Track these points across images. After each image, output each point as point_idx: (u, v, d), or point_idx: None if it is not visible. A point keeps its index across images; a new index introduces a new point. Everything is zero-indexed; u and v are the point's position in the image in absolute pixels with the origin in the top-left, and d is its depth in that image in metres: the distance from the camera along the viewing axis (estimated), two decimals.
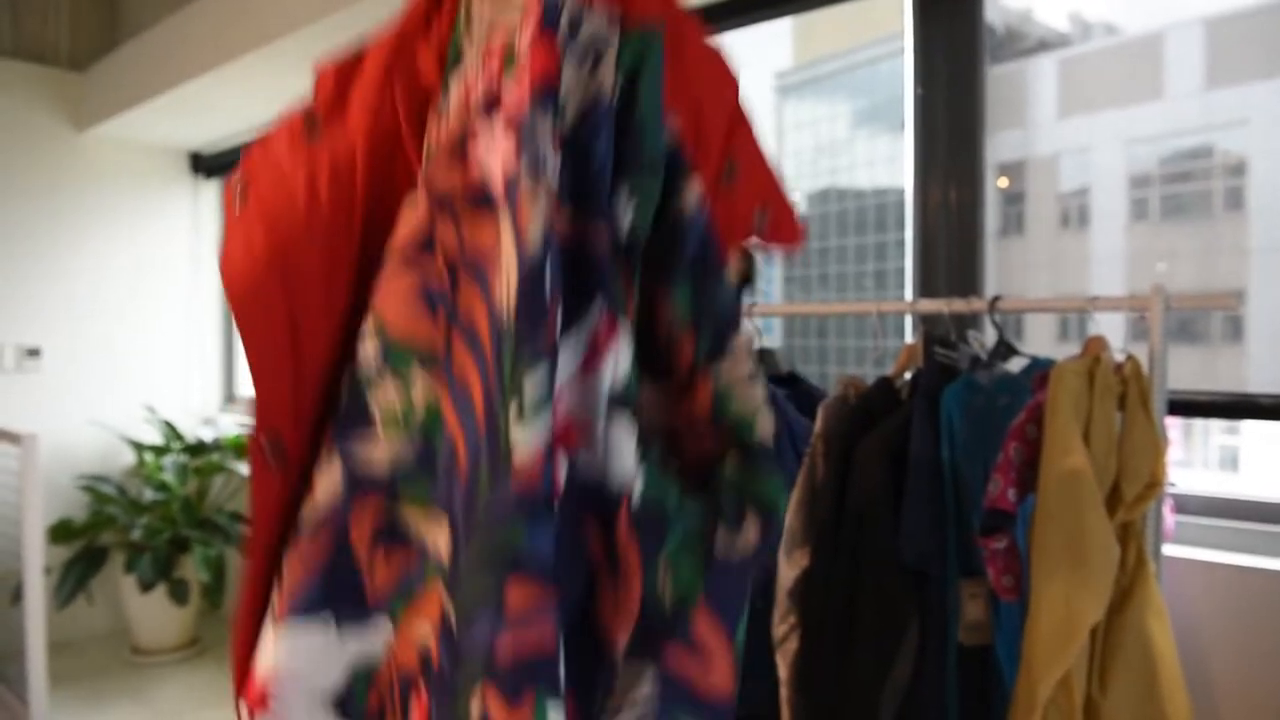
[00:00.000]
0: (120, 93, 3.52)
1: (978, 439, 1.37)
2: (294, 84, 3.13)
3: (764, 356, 1.72)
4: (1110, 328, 1.41)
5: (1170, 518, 1.52)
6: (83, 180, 3.84)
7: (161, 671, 3.50)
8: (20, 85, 3.67)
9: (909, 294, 1.87)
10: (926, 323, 1.55)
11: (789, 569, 1.38)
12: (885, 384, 1.44)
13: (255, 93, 3.25)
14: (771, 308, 1.71)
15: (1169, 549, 1.55)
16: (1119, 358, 1.33)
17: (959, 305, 1.44)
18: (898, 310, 1.52)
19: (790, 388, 1.66)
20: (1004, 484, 1.24)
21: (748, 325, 1.77)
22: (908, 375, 1.51)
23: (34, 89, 3.70)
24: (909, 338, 1.91)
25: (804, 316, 1.67)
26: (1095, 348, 1.33)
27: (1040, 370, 1.36)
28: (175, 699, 3.25)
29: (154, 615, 3.57)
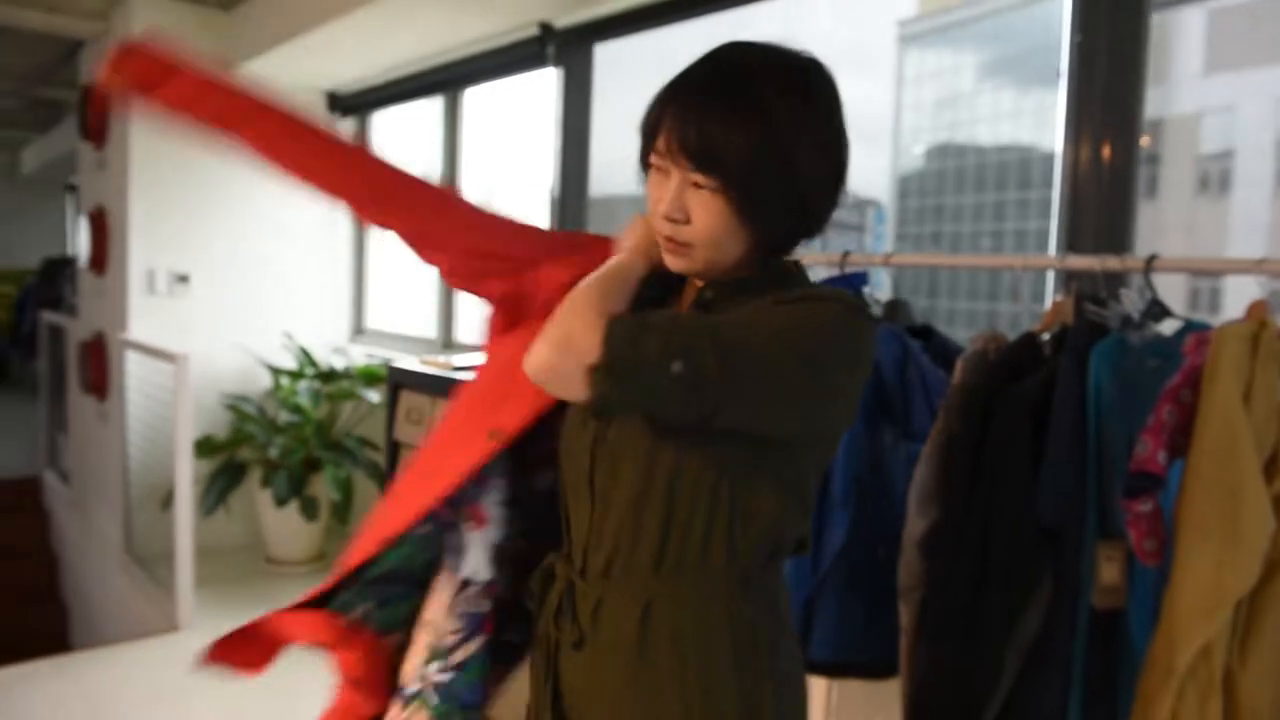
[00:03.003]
0: (264, 32, 3.67)
1: (1125, 400, 1.33)
2: (431, 26, 3.20)
3: (896, 308, 1.71)
4: (1246, 300, 1.33)
5: None
6: None
7: (293, 581, 3.76)
8: (171, 23, 3.87)
9: (1052, 250, 1.81)
10: (1075, 279, 1.50)
11: (919, 520, 1.39)
12: (1029, 339, 1.42)
13: (394, 34, 3.34)
14: (908, 258, 1.69)
15: None
16: None
17: (1112, 263, 1.40)
18: (1043, 265, 1.49)
19: (925, 340, 1.65)
20: (1153, 446, 1.21)
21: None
22: (1045, 336, 1.48)
23: (184, 27, 3.90)
24: (1048, 300, 1.85)
25: (914, 273, 1.63)
26: (1259, 312, 1.27)
27: (1196, 333, 1.31)
28: None
29: (286, 529, 3.83)
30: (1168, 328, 1.43)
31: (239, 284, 4.11)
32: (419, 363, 2.70)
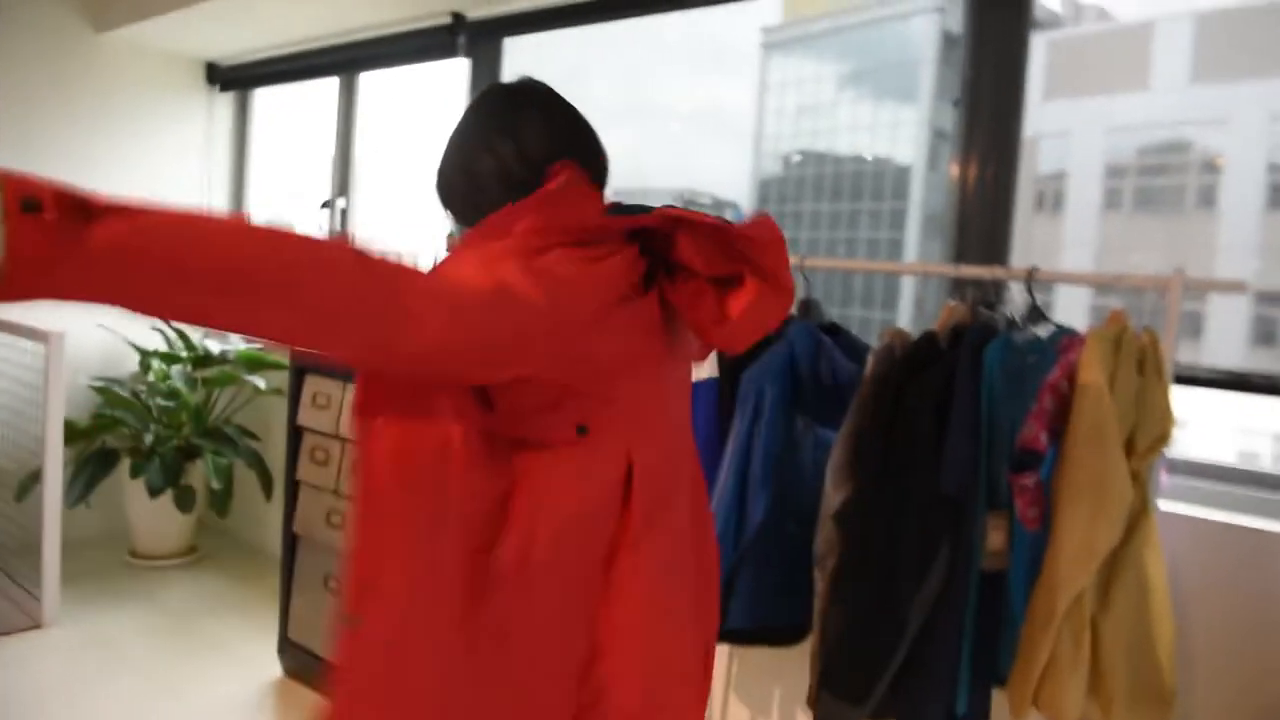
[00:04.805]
0: (139, 1, 3.49)
1: (1009, 391, 1.54)
2: (335, 5, 3.15)
3: (809, 307, 1.88)
4: (1076, 311, 1.57)
5: (1164, 476, 1.71)
6: (99, 83, 3.82)
7: (164, 576, 3.60)
8: None
9: (911, 256, 2.03)
10: (962, 287, 1.71)
11: (835, 495, 1.55)
12: (930, 337, 1.61)
13: (275, 7, 3.25)
14: (818, 262, 1.86)
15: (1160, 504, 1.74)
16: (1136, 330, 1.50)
17: (1000, 272, 1.61)
18: (943, 273, 1.68)
19: (834, 336, 1.82)
20: (1037, 429, 1.41)
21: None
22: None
23: None
24: (900, 306, 2.05)
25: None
26: (1120, 319, 1.51)
27: (1067, 336, 1.54)
28: (184, 602, 3.36)
29: (156, 521, 3.66)
30: (1045, 330, 1.66)
31: None
32: None
